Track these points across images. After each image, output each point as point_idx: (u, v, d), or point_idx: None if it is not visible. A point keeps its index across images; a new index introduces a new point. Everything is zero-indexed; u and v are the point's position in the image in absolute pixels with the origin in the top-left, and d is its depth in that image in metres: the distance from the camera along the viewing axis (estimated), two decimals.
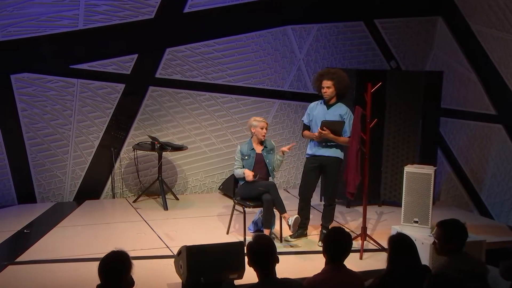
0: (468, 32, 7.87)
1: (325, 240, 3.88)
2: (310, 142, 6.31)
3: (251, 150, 6.32)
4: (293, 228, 5.97)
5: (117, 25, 7.60)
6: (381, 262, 5.60)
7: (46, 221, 6.88)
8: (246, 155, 6.30)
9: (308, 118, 6.32)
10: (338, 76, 6.14)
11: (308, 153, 6.34)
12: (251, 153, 6.32)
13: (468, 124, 7.94)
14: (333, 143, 6.17)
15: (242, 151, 6.33)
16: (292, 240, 6.28)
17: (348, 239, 3.88)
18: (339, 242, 3.82)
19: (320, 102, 6.30)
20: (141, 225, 6.85)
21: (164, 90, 8.00)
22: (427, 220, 5.80)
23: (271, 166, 6.34)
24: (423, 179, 5.83)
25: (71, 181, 7.72)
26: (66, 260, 5.67)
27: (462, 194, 8.01)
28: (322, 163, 6.22)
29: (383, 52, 8.79)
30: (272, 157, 6.35)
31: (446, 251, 4.03)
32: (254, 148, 6.33)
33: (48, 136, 7.57)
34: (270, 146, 6.40)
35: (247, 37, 8.24)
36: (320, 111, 6.23)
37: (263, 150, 6.34)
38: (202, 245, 5.08)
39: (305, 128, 6.38)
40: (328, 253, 3.81)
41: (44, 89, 7.48)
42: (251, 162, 6.30)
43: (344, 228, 4.01)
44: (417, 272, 3.79)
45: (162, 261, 5.70)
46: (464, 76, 7.99)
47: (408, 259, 3.83)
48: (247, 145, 6.37)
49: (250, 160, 6.30)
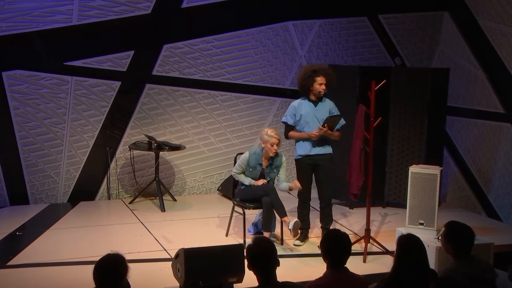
0: (475, 28, 7.87)
1: (323, 246, 3.85)
2: (301, 142, 6.22)
3: (259, 165, 6.24)
4: (293, 232, 5.96)
5: (112, 20, 7.60)
6: (385, 265, 5.63)
7: (39, 223, 6.88)
8: (251, 167, 6.24)
9: (294, 118, 6.19)
10: (331, 73, 6.16)
11: (300, 153, 6.22)
12: (257, 166, 6.24)
13: (476, 123, 7.94)
14: (326, 140, 6.18)
15: (249, 162, 6.22)
16: (301, 243, 6.24)
17: (346, 240, 3.86)
18: (337, 245, 3.80)
19: (302, 99, 6.22)
20: (137, 227, 6.85)
21: (161, 88, 7.99)
22: (432, 222, 5.80)
23: (271, 178, 6.25)
24: (428, 179, 5.83)
25: (65, 181, 7.72)
26: (59, 263, 5.66)
27: (469, 195, 8.01)
28: (316, 162, 6.19)
29: (388, 48, 8.79)
30: (274, 175, 6.26)
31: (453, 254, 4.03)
32: (262, 163, 6.24)
33: (41, 135, 7.57)
34: (277, 163, 6.22)
35: (247, 33, 8.23)
36: (309, 109, 6.15)
37: (267, 167, 6.24)
38: (201, 247, 5.08)
39: (289, 128, 6.26)
40: (328, 259, 3.80)
41: (37, 87, 7.47)
42: (256, 175, 6.25)
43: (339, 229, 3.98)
44: (424, 276, 3.78)
45: (159, 264, 5.69)
46: (471, 73, 7.99)
47: (416, 262, 3.81)
48: (255, 156, 6.23)
49: (255, 173, 6.25)
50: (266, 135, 6.15)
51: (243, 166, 6.27)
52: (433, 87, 7.53)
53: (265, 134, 6.17)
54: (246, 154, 6.27)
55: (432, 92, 7.53)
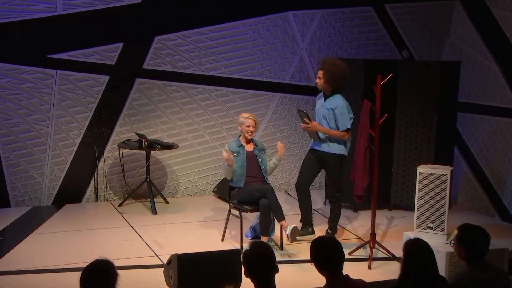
0: (488, 17, 7.87)
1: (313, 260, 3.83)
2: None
3: (240, 147, 6.41)
4: (291, 237, 6.00)
5: (100, 10, 7.59)
6: (391, 271, 5.64)
7: (21, 228, 6.87)
8: (234, 152, 6.36)
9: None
10: (330, 66, 6.24)
11: (309, 145, 6.62)
12: (240, 149, 6.39)
13: (489, 120, 7.95)
14: (331, 139, 6.29)
15: (230, 148, 6.39)
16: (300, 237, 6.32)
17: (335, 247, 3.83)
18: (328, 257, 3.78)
19: (323, 94, 6.43)
20: (127, 231, 6.85)
21: (152, 83, 7.99)
22: (442, 226, 5.81)
23: (264, 165, 6.40)
24: (438, 180, 5.84)
25: (49, 183, 7.72)
26: (43, 270, 5.66)
27: (481, 197, 8.02)
28: (322, 159, 6.38)
29: (394, 40, 8.80)
30: (265, 157, 6.46)
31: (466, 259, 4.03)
32: (243, 145, 6.42)
33: (24, 133, 7.56)
34: (260, 145, 6.52)
35: (244, 24, 8.24)
36: (319, 104, 6.43)
37: (254, 149, 6.43)
38: (195, 253, 5.10)
39: None
40: (323, 270, 3.79)
41: (19, 81, 7.47)
42: (243, 159, 6.34)
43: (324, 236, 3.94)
44: (433, 284, 3.78)
45: (150, 271, 5.69)
46: (484, 66, 7.99)
47: (425, 269, 3.81)
48: (235, 142, 6.46)
49: (241, 157, 6.35)
50: (242, 117, 6.43)
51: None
52: (443, 82, 7.54)
53: (241, 117, 6.46)
54: (226, 145, 6.47)
55: (441, 87, 7.53)
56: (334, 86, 6.26)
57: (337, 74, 6.21)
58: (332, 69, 6.21)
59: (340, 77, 6.23)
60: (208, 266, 4.89)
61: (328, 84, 6.24)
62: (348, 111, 6.23)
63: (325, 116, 6.25)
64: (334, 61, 6.36)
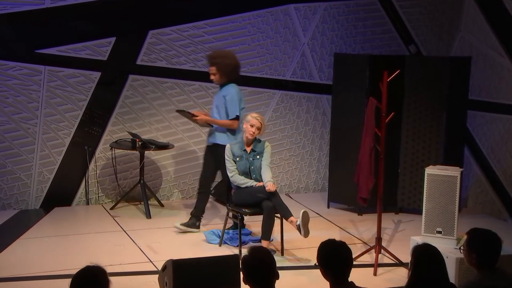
0: (501, 10, 7.87)
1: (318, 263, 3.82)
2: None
3: (243, 151, 6.39)
4: (303, 229, 5.95)
5: (91, 2, 7.59)
6: (398, 278, 5.64)
7: (7, 232, 6.87)
8: (237, 156, 6.36)
9: None
10: (222, 59, 6.70)
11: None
12: (243, 154, 6.37)
13: (501, 118, 7.95)
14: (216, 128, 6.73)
15: (233, 151, 6.37)
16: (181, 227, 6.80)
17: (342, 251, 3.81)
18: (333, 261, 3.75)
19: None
20: (119, 236, 6.86)
21: (146, 79, 8.00)
22: (452, 230, 5.81)
23: (255, 174, 6.35)
24: (447, 182, 5.83)
25: (37, 185, 7.72)
26: (30, 277, 5.65)
27: (493, 200, 8.02)
28: (212, 150, 6.82)
29: (401, 34, 8.80)
30: (258, 162, 6.37)
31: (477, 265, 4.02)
32: (246, 150, 6.40)
33: (10, 133, 7.56)
34: (259, 149, 6.41)
35: (243, 18, 8.24)
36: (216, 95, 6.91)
37: (250, 153, 6.40)
38: (191, 259, 5.09)
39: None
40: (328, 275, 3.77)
41: (5, 78, 7.47)
42: (246, 164, 6.34)
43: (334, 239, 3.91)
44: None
45: (144, 277, 5.70)
46: (496, 62, 8.00)
47: (434, 275, 3.81)
48: (238, 145, 6.43)
49: (244, 162, 6.35)
50: (250, 115, 6.44)
51: (230, 158, 6.38)
52: (453, 78, 7.55)
53: (249, 115, 6.46)
54: (228, 146, 6.45)
55: (451, 83, 7.54)
56: (230, 77, 6.71)
57: (230, 65, 6.70)
58: (224, 61, 6.67)
59: (234, 67, 6.72)
60: (205, 273, 4.88)
61: (224, 77, 6.67)
62: (239, 99, 6.66)
63: (217, 105, 6.73)
64: (222, 54, 6.88)
